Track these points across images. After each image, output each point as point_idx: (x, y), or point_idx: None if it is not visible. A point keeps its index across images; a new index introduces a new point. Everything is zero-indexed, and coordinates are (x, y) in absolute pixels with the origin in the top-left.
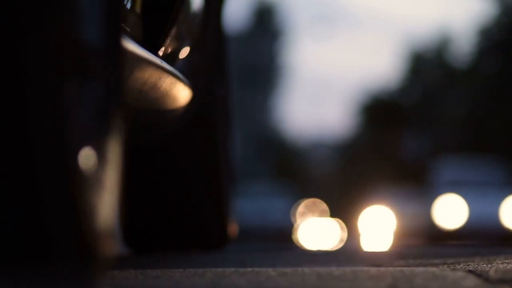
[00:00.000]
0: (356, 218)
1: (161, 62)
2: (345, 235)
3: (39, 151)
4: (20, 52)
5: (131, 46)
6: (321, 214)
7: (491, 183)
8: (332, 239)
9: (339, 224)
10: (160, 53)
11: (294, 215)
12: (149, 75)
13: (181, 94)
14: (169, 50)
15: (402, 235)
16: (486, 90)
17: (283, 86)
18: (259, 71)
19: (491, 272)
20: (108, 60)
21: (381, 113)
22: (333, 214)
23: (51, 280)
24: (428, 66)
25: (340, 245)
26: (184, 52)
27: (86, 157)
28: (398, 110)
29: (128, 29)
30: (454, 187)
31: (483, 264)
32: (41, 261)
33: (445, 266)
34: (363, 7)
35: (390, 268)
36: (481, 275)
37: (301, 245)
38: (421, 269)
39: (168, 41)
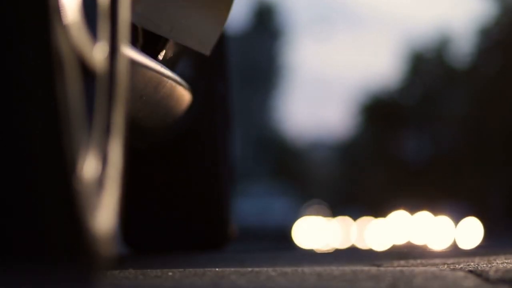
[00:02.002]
0: (358, 219)
1: (161, 67)
2: (345, 235)
3: (38, 152)
4: (19, 52)
5: (131, 51)
6: (321, 214)
7: None
8: (332, 239)
9: (339, 224)
10: (160, 57)
11: (294, 215)
12: (149, 80)
13: (181, 98)
14: (169, 54)
15: None
16: (486, 90)
17: (283, 86)
18: (259, 71)
19: (491, 272)
20: (109, 60)
21: (381, 113)
22: (333, 214)
23: (51, 280)
24: (428, 66)
25: (340, 245)
26: (185, 54)
27: (87, 157)
28: (398, 110)
29: (128, 34)
30: None
31: (483, 264)
32: (41, 261)
33: (445, 266)
34: (363, 7)
35: (390, 268)
36: (481, 275)
37: (301, 245)
38: (421, 269)
39: (168, 45)
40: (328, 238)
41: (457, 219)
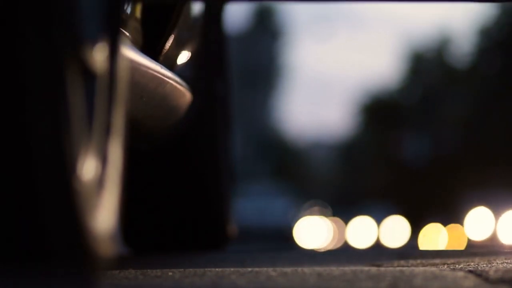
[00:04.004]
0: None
1: (161, 68)
2: (344, 234)
3: (38, 152)
4: (19, 53)
5: (131, 52)
6: (321, 213)
7: None
8: (331, 238)
9: (339, 223)
10: (160, 58)
11: (294, 215)
12: (149, 80)
13: (181, 98)
14: (169, 54)
15: None
16: (486, 90)
17: (283, 86)
18: (259, 71)
19: (491, 272)
20: (109, 60)
21: (381, 113)
22: (333, 214)
23: (51, 280)
24: (428, 66)
25: (340, 244)
26: (185, 55)
27: (87, 158)
28: (398, 110)
29: (128, 35)
30: None
31: (483, 264)
32: (41, 261)
33: (445, 266)
34: (363, 6)
35: (390, 268)
36: (481, 275)
37: (301, 245)
38: (421, 269)
39: (168, 45)
40: (326, 237)
41: None
